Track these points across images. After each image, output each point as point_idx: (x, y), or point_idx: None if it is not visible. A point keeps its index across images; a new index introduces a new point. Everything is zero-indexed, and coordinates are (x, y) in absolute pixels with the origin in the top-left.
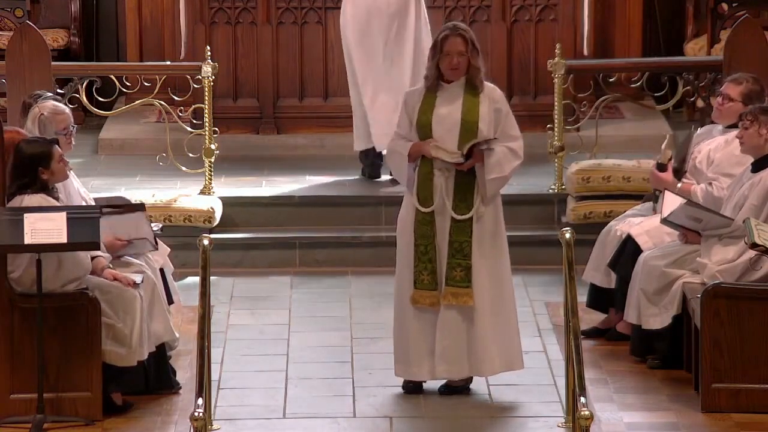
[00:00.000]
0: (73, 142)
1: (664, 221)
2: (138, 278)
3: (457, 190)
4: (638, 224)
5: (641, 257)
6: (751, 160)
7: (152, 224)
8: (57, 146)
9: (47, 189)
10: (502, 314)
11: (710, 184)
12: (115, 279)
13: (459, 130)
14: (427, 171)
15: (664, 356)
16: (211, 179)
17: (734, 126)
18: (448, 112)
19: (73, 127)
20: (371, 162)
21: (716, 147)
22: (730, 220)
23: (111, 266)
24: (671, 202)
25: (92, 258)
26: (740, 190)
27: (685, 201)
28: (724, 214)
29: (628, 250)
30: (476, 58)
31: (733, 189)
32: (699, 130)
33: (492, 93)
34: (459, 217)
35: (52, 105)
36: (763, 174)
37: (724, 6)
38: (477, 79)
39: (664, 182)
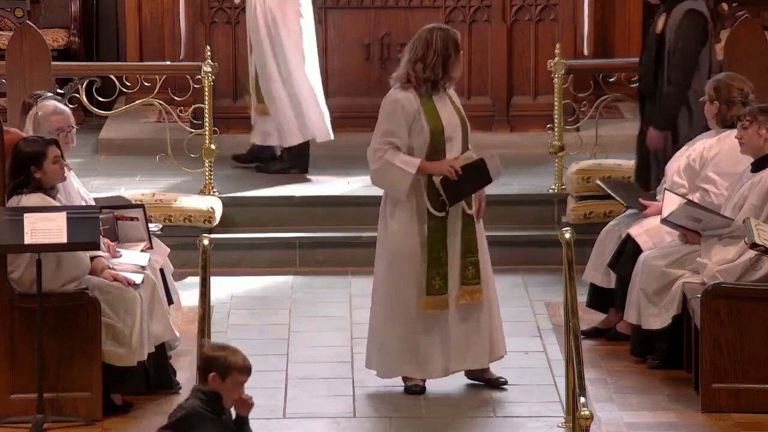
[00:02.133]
0: (74, 143)
1: (664, 221)
2: (138, 279)
3: None
4: (638, 224)
5: (641, 257)
6: (750, 159)
7: (152, 224)
8: (55, 147)
9: (44, 189)
10: (495, 305)
11: (707, 191)
12: (115, 279)
13: (461, 131)
14: (432, 178)
15: (664, 356)
16: (211, 179)
17: (729, 126)
18: (450, 115)
19: (72, 127)
20: (306, 155)
21: (709, 146)
22: (730, 220)
23: (111, 266)
24: (671, 202)
25: (92, 258)
26: (740, 190)
27: (685, 201)
28: (724, 214)
29: (628, 250)
30: None
31: (733, 189)
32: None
33: (452, 90)
34: (469, 212)
35: (52, 105)
36: (763, 174)
37: (724, 6)
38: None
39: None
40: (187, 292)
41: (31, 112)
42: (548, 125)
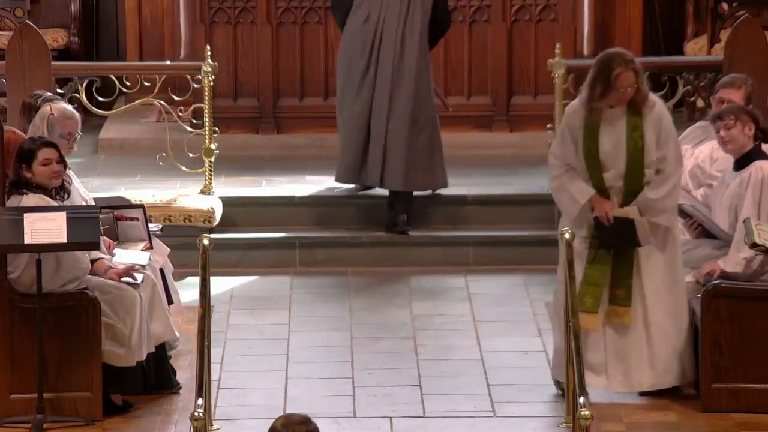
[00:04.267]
0: (75, 148)
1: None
2: (138, 278)
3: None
4: None
5: None
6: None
7: (152, 225)
8: (50, 150)
9: (47, 190)
10: (671, 329)
11: (710, 186)
12: (120, 275)
13: (626, 159)
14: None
15: None
16: (211, 179)
17: None
18: (616, 138)
19: (79, 133)
20: None
21: (718, 146)
22: (730, 237)
23: (113, 266)
24: (685, 198)
25: (95, 260)
26: (728, 190)
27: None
28: (723, 229)
29: None
30: (643, 84)
31: (717, 190)
32: (690, 129)
33: (654, 114)
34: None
35: (62, 107)
36: (751, 169)
37: (724, 6)
38: (643, 104)
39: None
40: (187, 292)
41: (44, 112)
42: (548, 125)
